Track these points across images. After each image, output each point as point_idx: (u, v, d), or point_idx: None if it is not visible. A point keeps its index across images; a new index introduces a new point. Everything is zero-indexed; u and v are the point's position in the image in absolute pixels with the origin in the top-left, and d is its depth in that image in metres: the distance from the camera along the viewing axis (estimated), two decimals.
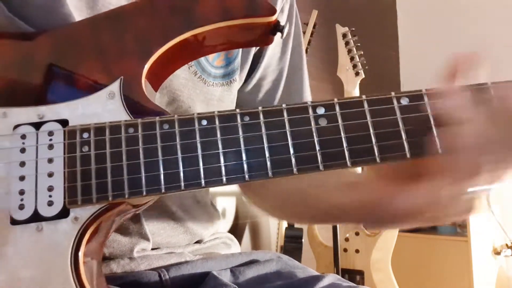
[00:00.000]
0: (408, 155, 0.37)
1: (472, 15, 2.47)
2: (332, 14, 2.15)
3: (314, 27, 1.81)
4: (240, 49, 0.63)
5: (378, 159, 0.37)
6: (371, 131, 0.38)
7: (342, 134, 0.38)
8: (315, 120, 0.38)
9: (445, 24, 2.57)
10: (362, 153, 0.37)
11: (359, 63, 1.71)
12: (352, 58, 1.73)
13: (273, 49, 0.66)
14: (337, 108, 0.38)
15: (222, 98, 0.61)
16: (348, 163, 0.37)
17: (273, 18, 0.44)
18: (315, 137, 0.38)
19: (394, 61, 2.80)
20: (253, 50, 0.65)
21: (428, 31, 2.66)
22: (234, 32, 0.45)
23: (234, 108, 0.62)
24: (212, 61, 0.60)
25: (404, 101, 0.38)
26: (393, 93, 0.39)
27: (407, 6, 2.80)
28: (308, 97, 0.69)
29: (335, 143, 0.37)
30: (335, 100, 0.39)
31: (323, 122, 0.38)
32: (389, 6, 2.83)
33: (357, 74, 1.71)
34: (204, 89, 0.59)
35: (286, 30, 0.68)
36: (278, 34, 0.46)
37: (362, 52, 1.74)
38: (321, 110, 0.38)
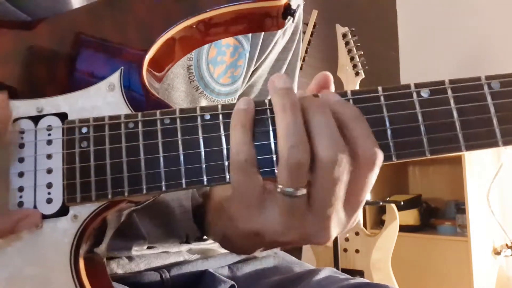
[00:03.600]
0: (427, 153, 0.35)
1: (472, 15, 2.47)
2: (332, 14, 2.14)
3: (314, 27, 1.80)
4: (245, 68, 0.61)
5: (394, 157, 0.35)
6: (387, 126, 0.35)
7: None
8: None
9: (445, 24, 2.57)
10: None
11: (359, 63, 1.72)
12: (352, 58, 1.73)
13: (263, 70, 0.66)
14: (350, 101, 0.36)
15: None
16: None
17: (283, 1, 0.42)
18: None
19: (394, 61, 2.80)
20: (253, 67, 0.64)
21: (428, 31, 2.66)
22: (242, 17, 0.43)
23: None
24: (218, 78, 0.58)
25: (425, 94, 0.35)
26: (412, 85, 0.36)
27: (407, 6, 2.80)
28: None
29: None
30: (348, 91, 0.36)
31: None
32: (389, 6, 2.83)
33: (357, 74, 1.71)
34: (204, 104, 0.58)
35: (297, 14, 0.68)
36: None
37: (362, 52, 1.74)
38: None
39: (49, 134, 0.38)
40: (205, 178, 0.35)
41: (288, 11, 0.42)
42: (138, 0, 0.42)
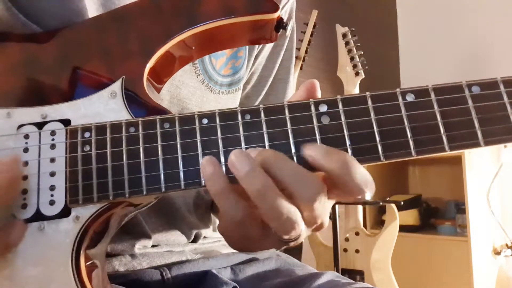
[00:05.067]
0: (413, 153, 0.36)
1: (472, 15, 2.47)
2: (332, 14, 2.15)
3: (314, 27, 1.81)
4: (246, 58, 0.64)
5: (382, 158, 0.36)
6: (375, 128, 0.37)
7: (345, 132, 0.37)
8: (317, 118, 0.37)
9: (445, 24, 2.58)
10: (365, 151, 0.36)
11: (359, 63, 1.72)
12: (352, 58, 1.73)
13: (263, 57, 0.68)
14: (340, 105, 0.37)
15: (228, 106, 0.61)
16: None
17: (276, 15, 0.44)
18: (317, 135, 0.37)
19: (394, 61, 2.81)
20: (254, 55, 0.66)
21: (428, 31, 2.66)
22: (237, 30, 0.45)
23: None
24: (219, 70, 0.60)
25: (410, 98, 0.37)
26: (398, 89, 0.38)
27: (407, 6, 2.81)
28: None
29: (337, 141, 0.37)
30: (338, 97, 0.38)
31: (325, 120, 0.37)
32: (389, 6, 2.83)
33: (357, 74, 1.72)
34: (210, 97, 0.60)
35: (289, 27, 0.70)
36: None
37: (362, 52, 1.74)
38: (323, 108, 0.38)
39: (53, 139, 0.39)
40: (202, 180, 0.37)
41: (280, 24, 0.45)
42: (140, 13, 0.45)
